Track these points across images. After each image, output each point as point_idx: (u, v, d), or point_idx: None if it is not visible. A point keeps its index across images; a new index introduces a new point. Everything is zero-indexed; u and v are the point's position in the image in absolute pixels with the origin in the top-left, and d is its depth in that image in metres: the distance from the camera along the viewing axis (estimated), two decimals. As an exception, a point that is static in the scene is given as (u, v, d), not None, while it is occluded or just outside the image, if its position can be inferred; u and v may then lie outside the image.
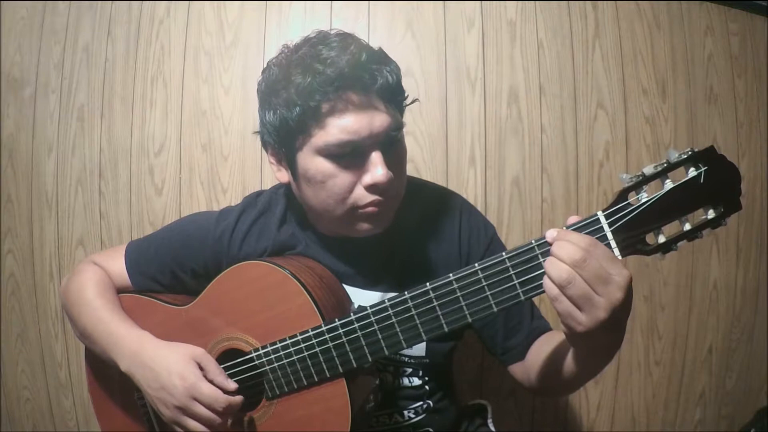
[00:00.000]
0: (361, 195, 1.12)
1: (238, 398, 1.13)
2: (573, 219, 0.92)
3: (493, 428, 1.48)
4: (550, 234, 0.89)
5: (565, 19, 1.99)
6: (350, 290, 1.26)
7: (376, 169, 1.09)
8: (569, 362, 1.09)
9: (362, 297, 1.26)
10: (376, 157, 1.09)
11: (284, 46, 1.19)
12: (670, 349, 2.06)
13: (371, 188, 1.10)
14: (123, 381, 1.32)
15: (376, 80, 1.08)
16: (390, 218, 1.20)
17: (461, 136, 1.96)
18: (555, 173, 1.98)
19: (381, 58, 1.13)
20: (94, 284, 1.32)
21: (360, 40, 1.14)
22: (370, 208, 1.13)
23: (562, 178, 1.98)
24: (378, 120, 1.09)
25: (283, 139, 1.15)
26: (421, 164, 1.95)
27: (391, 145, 1.13)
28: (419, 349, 1.28)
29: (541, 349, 1.24)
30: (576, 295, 0.85)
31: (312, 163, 1.12)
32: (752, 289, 2.09)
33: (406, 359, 1.29)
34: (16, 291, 2.07)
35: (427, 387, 1.33)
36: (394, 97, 1.14)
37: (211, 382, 1.13)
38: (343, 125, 1.07)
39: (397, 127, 1.12)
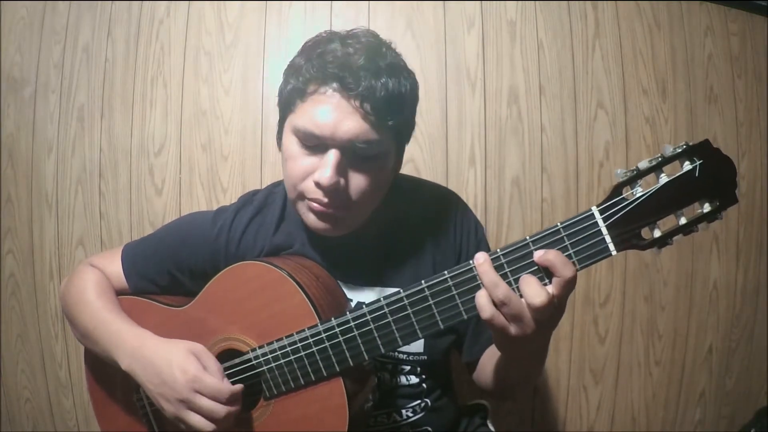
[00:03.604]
0: (309, 187, 1.13)
1: (239, 386, 1.13)
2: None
3: (492, 428, 1.48)
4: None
5: (565, 19, 1.99)
6: (348, 287, 1.27)
7: (324, 170, 1.09)
8: (505, 367, 1.19)
9: (360, 294, 1.27)
10: (330, 157, 1.09)
11: (325, 31, 1.21)
12: (670, 349, 2.06)
13: (317, 185, 1.11)
14: (123, 382, 1.32)
15: (359, 85, 1.07)
16: (345, 226, 1.19)
17: (461, 136, 1.96)
18: (555, 173, 1.98)
19: (381, 69, 1.10)
20: (94, 286, 1.32)
21: (378, 48, 1.14)
22: (314, 204, 1.13)
23: (562, 178, 1.98)
24: (348, 125, 1.08)
25: (280, 109, 1.21)
26: (421, 164, 1.95)
27: (360, 156, 1.12)
28: (417, 346, 1.28)
29: (492, 351, 1.28)
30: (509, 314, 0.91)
31: (287, 137, 1.16)
32: (752, 289, 2.08)
33: (404, 357, 1.29)
34: (16, 291, 2.08)
35: (424, 385, 1.33)
36: (381, 113, 1.10)
37: (216, 372, 1.13)
38: (313, 115, 1.09)
39: (366, 141, 1.10)
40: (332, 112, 1.08)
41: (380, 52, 1.13)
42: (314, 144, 1.11)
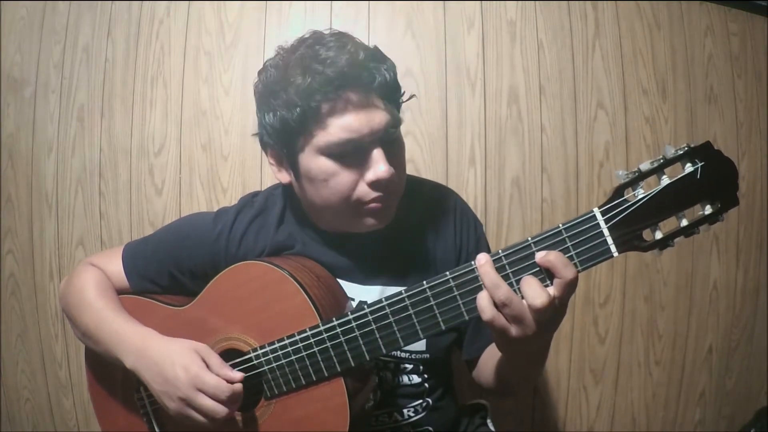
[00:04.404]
0: (364, 192, 1.13)
1: (240, 386, 1.13)
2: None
3: (492, 428, 1.48)
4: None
5: (565, 19, 1.99)
6: (350, 285, 1.27)
7: (379, 166, 1.10)
8: (506, 367, 1.20)
9: (362, 292, 1.27)
10: (377, 153, 1.11)
11: (279, 47, 1.21)
12: (670, 349, 2.06)
13: (374, 185, 1.12)
14: (123, 381, 1.32)
15: (374, 79, 1.10)
16: (392, 213, 1.22)
17: (461, 136, 1.96)
18: (555, 173, 1.98)
19: (377, 56, 1.15)
20: (95, 285, 1.32)
21: (355, 39, 1.16)
22: (373, 204, 1.15)
23: (562, 178, 1.98)
24: (377, 117, 1.10)
25: (284, 140, 1.16)
26: (421, 164, 1.95)
27: (391, 141, 1.15)
28: (419, 345, 1.29)
29: (492, 350, 1.28)
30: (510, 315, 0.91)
31: (314, 162, 1.13)
32: (752, 289, 2.08)
33: (406, 355, 1.30)
34: (16, 291, 2.08)
35: (426, 385, 1.33)
36: (391, 95, 1.16)
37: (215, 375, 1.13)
38: (344, 124, 1.08)
39: (395, 124, 1.14)
40: (359, 114, 1.09)
41: (361, 43, 1.16)
42: (352, 151, 1.11)
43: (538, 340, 0.93)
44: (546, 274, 0.91)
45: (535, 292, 0.88)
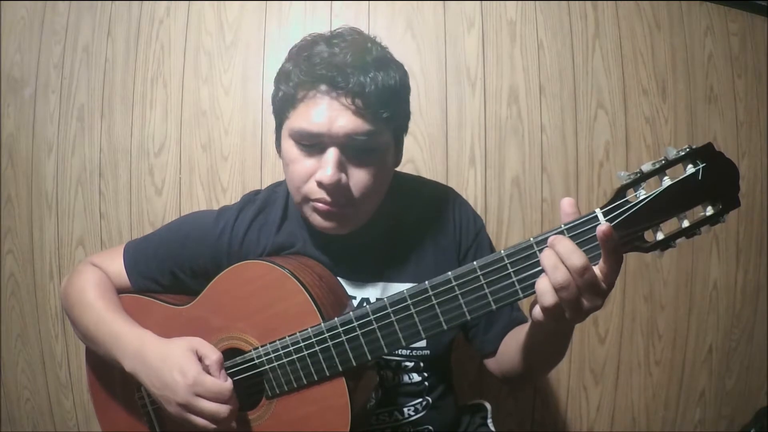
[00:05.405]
0: (312, 188, 1.15)
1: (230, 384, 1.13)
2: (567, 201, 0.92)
3: (492, 428, 1.48)
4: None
5: (565, 19, 1.99)
6: (351, 284, 1.28)
7: (326, 168, 1.11)
8: (532, 348, 1.16)
9: (363, 291, 1.28)
10: (330, 155, 1.11)
11: (309, 34, 1.22)
12: (670, 349, 2.06)
13: (319, 184, 1.13)
14: (124, 381, 1.32)
15: (348, 82, 1.09)
16: (351, 223, 1.21)
17: (461, 136, 1.96)
18: (555, 173, 1.98)
19: (371, 64, 1.12)
20: (95, 286, 1.32)
21: (364, 44, 1.16)
22: (319, 204, 1.15)
23: (562, 178, 1.98)
24: (342, 120, 1.10)
25: (275, 114, 1.23)
26: (421, 164, 1.95)
27: (359, 150, 1.14)
28: (420, 342, 1.28)
29: (512, 337, 1.29)
30: (566, 299, 0.88)
31: (285, 143, 1.18)
32: (752, 289, 2.09)
33: (408, 352, 1.30)
34: (16, 291, 2.07)
35: (426, 383, 1.34)
36: (372, 105, 1.11)
37: (214, 363, 1.13)
38: (307, 115, 1.11)
39: (368, 133, 1.12)
40: (325, 111, 1.10)
41: (366, 48, 1.15)
42: (312, 143, 1.12)
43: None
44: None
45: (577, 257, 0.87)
